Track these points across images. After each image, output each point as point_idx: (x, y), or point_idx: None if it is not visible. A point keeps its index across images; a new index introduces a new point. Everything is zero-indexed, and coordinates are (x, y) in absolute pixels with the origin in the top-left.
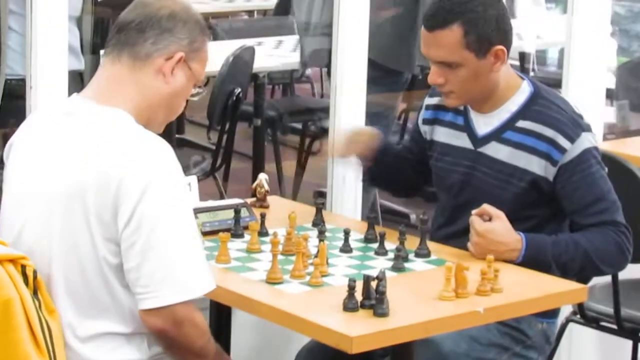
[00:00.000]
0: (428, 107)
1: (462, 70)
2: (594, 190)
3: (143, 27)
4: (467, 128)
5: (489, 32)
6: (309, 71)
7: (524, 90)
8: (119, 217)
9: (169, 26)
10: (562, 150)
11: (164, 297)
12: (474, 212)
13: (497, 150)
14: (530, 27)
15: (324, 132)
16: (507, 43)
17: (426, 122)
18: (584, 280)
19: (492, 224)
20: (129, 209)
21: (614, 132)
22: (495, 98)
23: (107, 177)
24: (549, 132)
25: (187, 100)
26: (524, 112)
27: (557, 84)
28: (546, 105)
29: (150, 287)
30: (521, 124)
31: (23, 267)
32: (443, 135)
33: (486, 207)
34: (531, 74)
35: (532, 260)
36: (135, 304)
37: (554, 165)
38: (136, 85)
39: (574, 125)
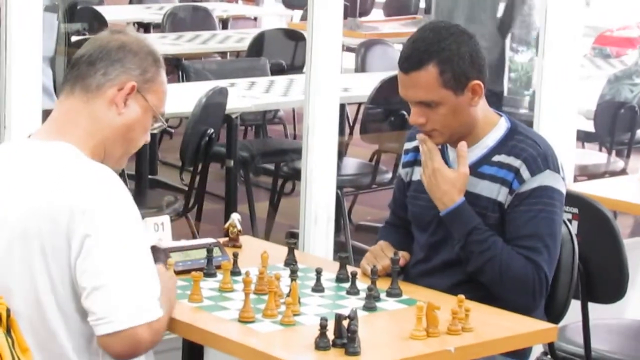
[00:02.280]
0: (407, 151)
1: (442, 108)
2: (532, 225)
3: (93, 60)
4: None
5: (464, 68)
6: (281, 112)
7: (501, 126)
8: (71, 246)
9: (119, 57)
10: (521, 181)
11: (119, 322)
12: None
13: (473, 185)
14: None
15: (296, 173)
16: (483, 77)
17: (406, 165)
18: (555, 319)
19: (452, 171)
20: (79, 238)
21: (585, 173)
22: (475, 134)
23: (58, 210)
24: (516, 162)
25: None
26: (500, 147)
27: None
28: (521, 139)
29: (106, 312)
30: (496, 157)
31: None
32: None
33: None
34: None
35: (451, 221)
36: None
37: (511, 194)
38: (89, 118)
39: (542, 160)
